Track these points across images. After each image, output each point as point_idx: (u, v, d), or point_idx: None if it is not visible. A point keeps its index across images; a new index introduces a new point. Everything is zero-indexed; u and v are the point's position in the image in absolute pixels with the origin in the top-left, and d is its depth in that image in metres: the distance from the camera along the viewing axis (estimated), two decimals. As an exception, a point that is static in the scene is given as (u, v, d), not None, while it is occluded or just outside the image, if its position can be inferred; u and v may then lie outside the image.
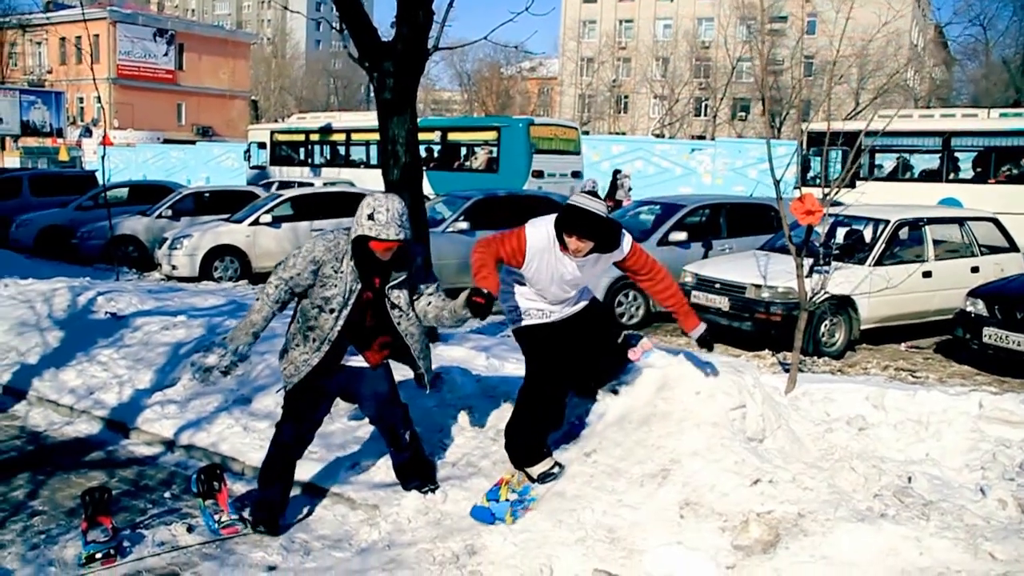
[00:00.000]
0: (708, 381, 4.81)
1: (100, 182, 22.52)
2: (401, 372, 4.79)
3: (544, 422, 4.67)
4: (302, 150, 27.67)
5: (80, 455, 6.02)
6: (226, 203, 17.00)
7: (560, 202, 14.58)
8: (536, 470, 4.61)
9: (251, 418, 5.87)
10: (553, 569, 3.99)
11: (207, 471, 4.97)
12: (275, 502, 4.72)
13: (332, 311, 4.38)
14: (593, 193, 4.35)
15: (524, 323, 4.69)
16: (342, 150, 26.74)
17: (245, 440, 5.62)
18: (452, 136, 23.72)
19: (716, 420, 4.60)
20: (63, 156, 42.42)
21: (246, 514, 4.75)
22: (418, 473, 4.84)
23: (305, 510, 4.97)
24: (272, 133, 28.48)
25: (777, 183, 5.77)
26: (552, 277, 4.50)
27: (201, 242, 14.62)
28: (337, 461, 5.35)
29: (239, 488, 5.05)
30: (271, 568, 4.35)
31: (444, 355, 6.11)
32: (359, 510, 4.91)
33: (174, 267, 14.57)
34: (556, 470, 4.61)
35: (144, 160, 43.12)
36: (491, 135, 22.32)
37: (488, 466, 4.90)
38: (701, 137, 46.68)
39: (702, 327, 4.65)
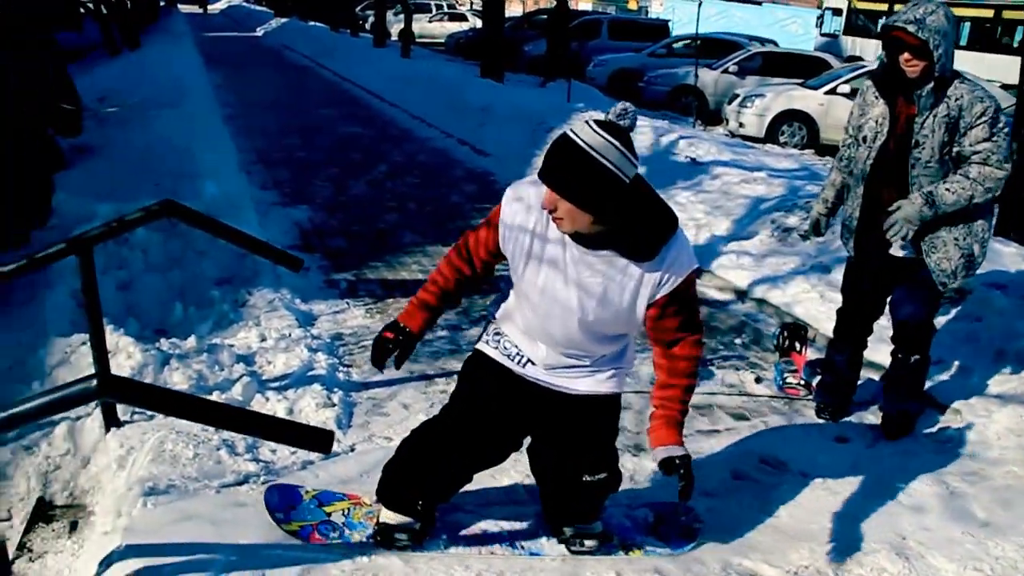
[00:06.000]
0: None
1: (671, 32, 23.46)
2: None
3: (436, 483, 3.06)
4: (883, 21, 25.77)
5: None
6: (794, 67, 16.74)
7: None
8: (387, 517, 3.09)
9: (828, 287, 5.69)
10: None
11: (792, 329, 4.97)
12: (842, 369, 4.35)
13: (864, 139, 3.88)
14: (613, 126, 2.43)
15: (487, 351, 2.94)
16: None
17: (821, 308, 5.48)
18: None
19: None
20: (632, 5, 44.87)
21: (814, 382, 4.63)
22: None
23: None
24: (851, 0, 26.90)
25: None
26: (549, 277, 2.65)
27: (772, 104, 14.60)
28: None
29: (810, 354, 4.98)
30: (841, 439, 4.23)
31: None
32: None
33: (741, 124, 14.77)
34: (405, 536, 3.06)
35: (707, 16, 43.80)
36: None
37: None
38: None
39: (679, 450, 2.78)
